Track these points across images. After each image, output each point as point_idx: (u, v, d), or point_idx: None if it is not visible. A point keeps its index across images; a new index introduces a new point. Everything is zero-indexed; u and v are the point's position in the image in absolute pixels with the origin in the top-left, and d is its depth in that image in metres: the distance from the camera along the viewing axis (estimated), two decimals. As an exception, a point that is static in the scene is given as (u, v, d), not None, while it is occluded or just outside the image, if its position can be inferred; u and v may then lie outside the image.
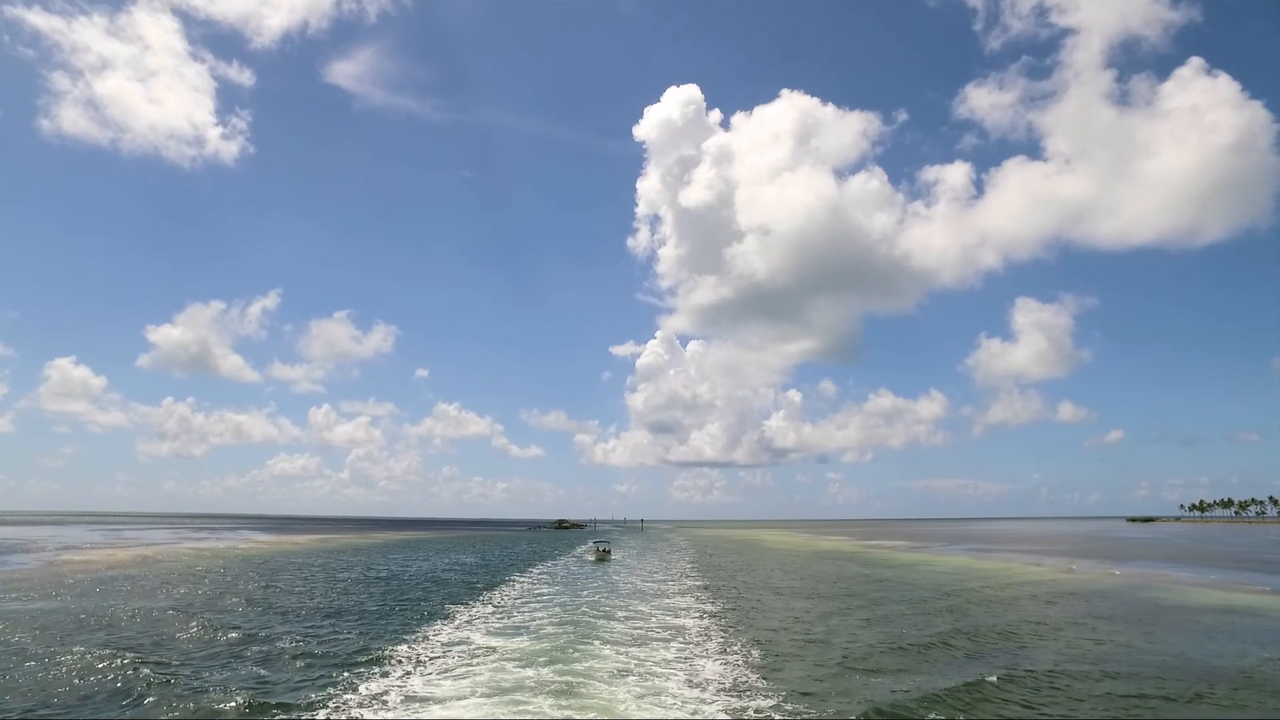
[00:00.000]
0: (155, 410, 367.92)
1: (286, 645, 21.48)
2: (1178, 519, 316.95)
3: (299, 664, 19.02)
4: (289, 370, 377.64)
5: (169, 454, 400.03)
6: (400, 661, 19.24)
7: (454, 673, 17.82)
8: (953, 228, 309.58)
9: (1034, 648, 21.92)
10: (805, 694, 16.14)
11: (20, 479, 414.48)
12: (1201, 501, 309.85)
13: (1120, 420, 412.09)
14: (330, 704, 15.15)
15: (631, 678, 17.25)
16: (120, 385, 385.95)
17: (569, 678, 17.02)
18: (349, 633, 23.87)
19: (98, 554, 64.39)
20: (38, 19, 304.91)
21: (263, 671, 18.21)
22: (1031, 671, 18.45)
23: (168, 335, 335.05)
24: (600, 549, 69.03)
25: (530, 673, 17.54)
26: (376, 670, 18.21)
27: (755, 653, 20.52)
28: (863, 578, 46.44)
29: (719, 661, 19.33)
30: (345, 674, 17.78)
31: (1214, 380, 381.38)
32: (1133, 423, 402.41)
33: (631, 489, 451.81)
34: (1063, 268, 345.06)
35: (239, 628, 24.15)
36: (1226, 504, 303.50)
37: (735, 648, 21.31)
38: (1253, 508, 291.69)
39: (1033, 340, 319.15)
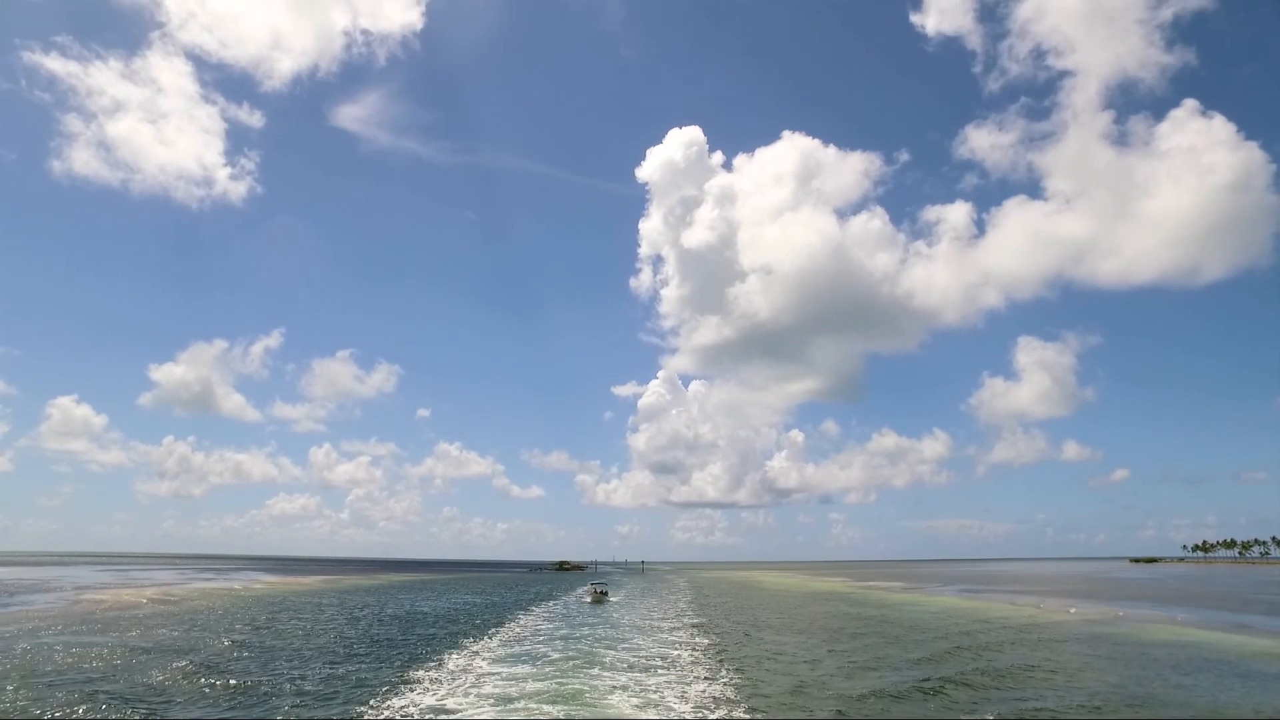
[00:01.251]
0: (155, 449, 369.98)
1: (340, 671, 24.55)
2: (1181, 560, 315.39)
3: (354, 683, 22.16)
4: (290, 409, 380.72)
5: (168, 493, 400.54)
6: (424, 683, 22.40)
7: (468, 690, 21.04)
8: (954, 267, 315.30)
9: (990, 682, 24.91)
10: (774, 706, 19.24)
11: (17, 519, 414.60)
12: (1204, 542, 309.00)
13: (1125, 459, 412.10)
14: (387, 709, 18.37)
15: (627, 693, 20.39)
16: (121, 424, 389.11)
17: (570, 689, 20.16)
18: (382, 661, 26.93)
19: (116, 593, 66.88)
20: (55, 64, 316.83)
21: (324, 689, 21.36)
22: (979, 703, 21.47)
23: (170, 374, 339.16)
24: (597, 590, 68.06)
25: (534, 686, 20.74)
26: (407, 689, 21.46)
27: (737, 678, 23.58)
28: (848, 616, 49.06)
29: (704, 682, 22.45)
30: (388, 690, 21.01)
31: (1219, 419, 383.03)
32: (1138, 462, 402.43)
33: (633, 530, 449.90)
34: (1065, 306, 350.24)
35: (292, 654, 27.20)
36: (1229, 544, 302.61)
37: (720, 675, 24.34)
38: (1255, 549, 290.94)
39: (1036, 379, 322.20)
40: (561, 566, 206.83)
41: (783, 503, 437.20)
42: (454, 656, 28.14)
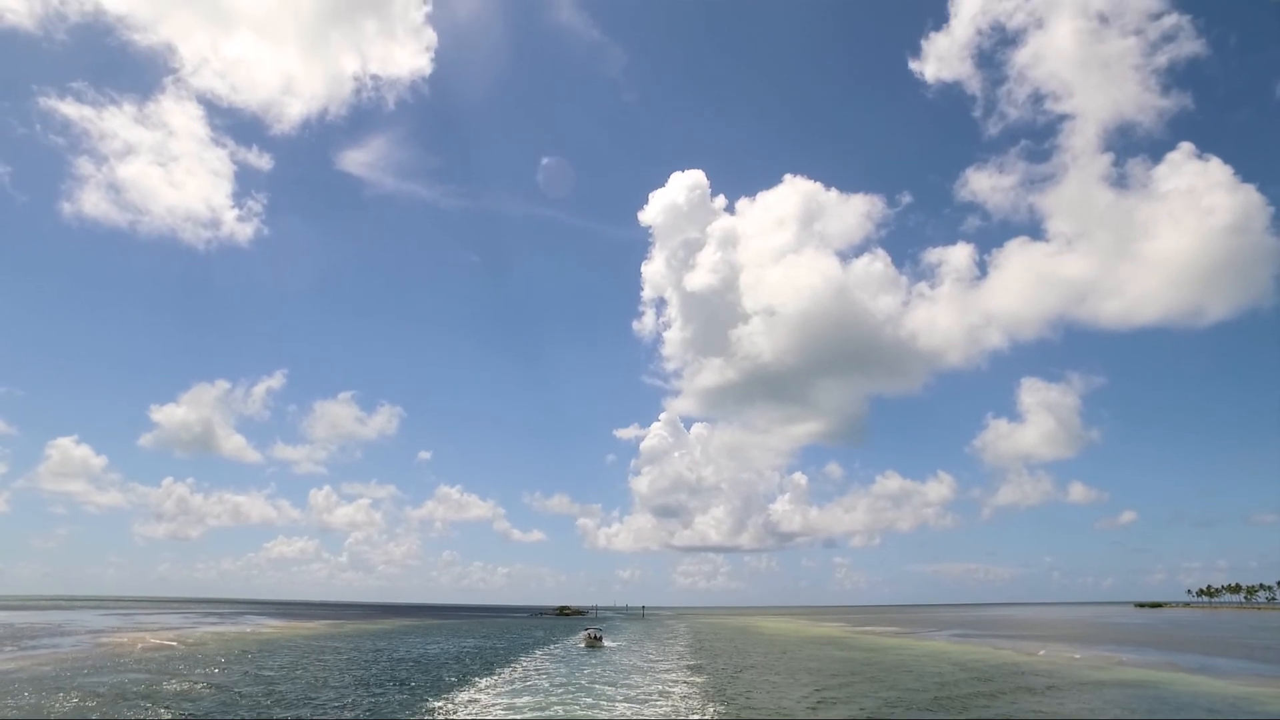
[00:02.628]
0: (154, 490, 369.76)
1: (379, 700, 27.72)
2: (1187, 605, 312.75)
3: (391, 709, 25.33)
4: (291, 451, 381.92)
5: (165, 535, 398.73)
6: (444, 710, 25.52)
7: (479, 715, 24.22)
8: (957, 308, 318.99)
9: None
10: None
11: (10, 562, 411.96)
12: (1209, 586, 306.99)
13: (1132, 501, 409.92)
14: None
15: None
16: (120, 465, 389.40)
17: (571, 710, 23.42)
18: (401, 697, 30.06)
19: (131, 637, 69.20)
20: (70, 109, 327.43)
21: (369, 716, 24.54)
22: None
23: (171, 414, 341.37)
24: (592, 635, 67.79)
25: (535, 715, 23.92)
26: (431, 716, 24.61)
27: (722, 707, 26.73)
28: (835, 659, 51.71)
29: (692, 709, 25.62)
30: (420, 714, 24.22)
31: (1226, 460, 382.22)
32: (1145, 504, 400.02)
33: (634, 575, 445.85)
34: (1068, 347, 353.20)
35: (329, 688, 30.30)
36: (1235, 589, 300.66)
37: (709, 707, 27.47)
38: (1261, 593, 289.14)
39: (1040, 420, 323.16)
40: (562, 611, 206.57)
41: (786, 547, 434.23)
42: (465, 691, 31.24)
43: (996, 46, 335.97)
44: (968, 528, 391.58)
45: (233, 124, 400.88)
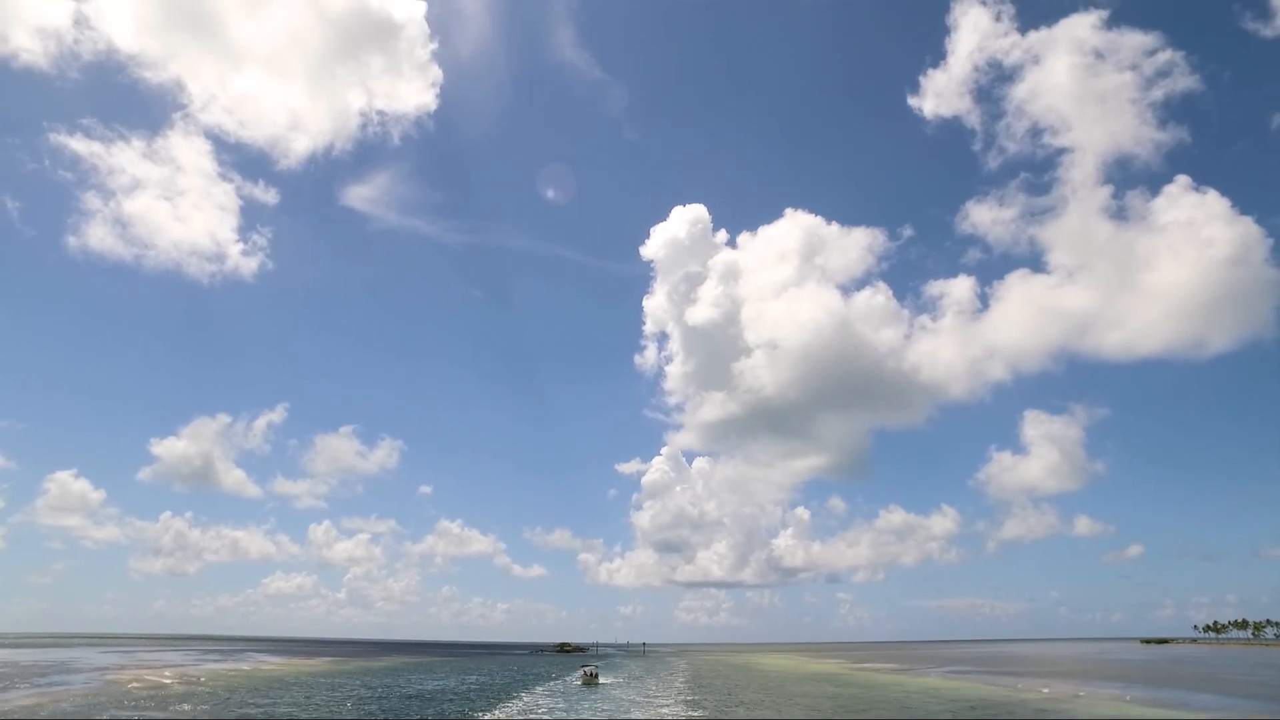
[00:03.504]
0: (152, 525, 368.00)
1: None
2: (1194, 641, 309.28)
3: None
4: (291, 485, 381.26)
5: (162, 571, 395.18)
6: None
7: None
8: (959, 341, 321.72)
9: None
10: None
11: (4, 598, 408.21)
12: (1215, 622, 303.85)
13: (1139, 534, 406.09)
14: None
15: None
16: (119, 499, 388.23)
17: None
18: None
19: (137, 674, 70.31)
20: (79, 145, 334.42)
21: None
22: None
23: (171, 448, 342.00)
24: (588, 672, 67.90)
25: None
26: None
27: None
28: (827, 695, 53.10)
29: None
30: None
31: (1233, 492, 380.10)
32: (1152, 537, 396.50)
33: (636, 611, 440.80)
34: (1071, 379, 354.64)
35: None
36: (1241, 625, 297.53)
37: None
38: (1269, 629, 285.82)
39: (1044, 452, 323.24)
40: (563, 648, 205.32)
41: (789, 582, 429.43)
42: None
43: (994, 83, 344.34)
44: (972, 562, 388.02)
45: (239, 159, 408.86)
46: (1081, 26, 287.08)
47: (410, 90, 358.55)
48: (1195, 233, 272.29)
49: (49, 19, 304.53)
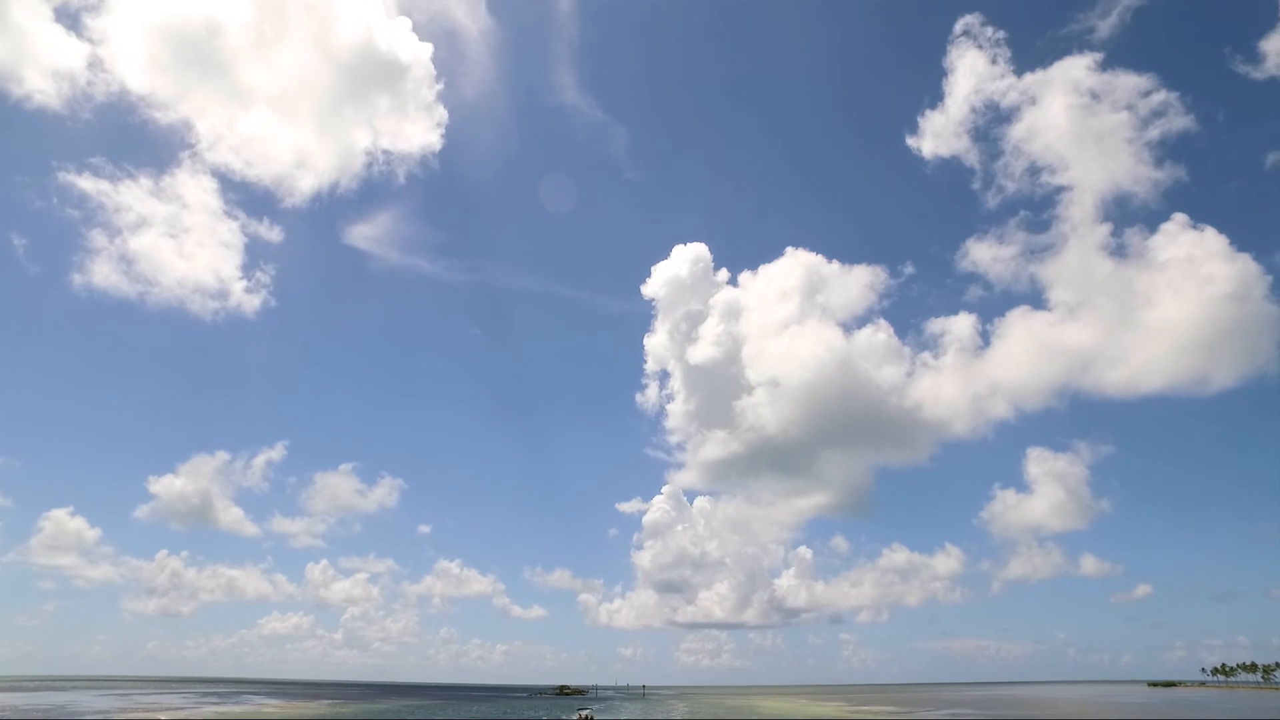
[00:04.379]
0: (147, 564, 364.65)
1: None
2: (1202, 684, 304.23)
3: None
4: (289, 524, 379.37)
5: (155, 611, 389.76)
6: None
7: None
8: (961, 378, 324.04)
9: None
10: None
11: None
12: (1224, 665, 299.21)
13: (1147, 574, 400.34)
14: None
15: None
16: (114, 537, 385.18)
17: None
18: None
19: (142, 717, 70.84)
20: (87, 183, 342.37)
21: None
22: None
23: (169, 486, 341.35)
24: (584, 717, 69.36)
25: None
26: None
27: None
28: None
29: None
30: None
31: (1243, 531, 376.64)
32: (1160, 577, 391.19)
33: (636, 652, 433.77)
34: (1074, 416, 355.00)
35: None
36: (1250, 668, 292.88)
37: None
38: (1278, 673, 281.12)
39: (1049, 490, 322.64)
40: (562, 691, 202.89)
41: (791, 623, 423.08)
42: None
43: (991, 123, 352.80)
44: (977, 602, 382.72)
45: (245, 197, 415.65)
46: (1076, 68, 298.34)
47: (415, 130, 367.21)
48: (1195, 269, 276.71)
49: (63, 62, 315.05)
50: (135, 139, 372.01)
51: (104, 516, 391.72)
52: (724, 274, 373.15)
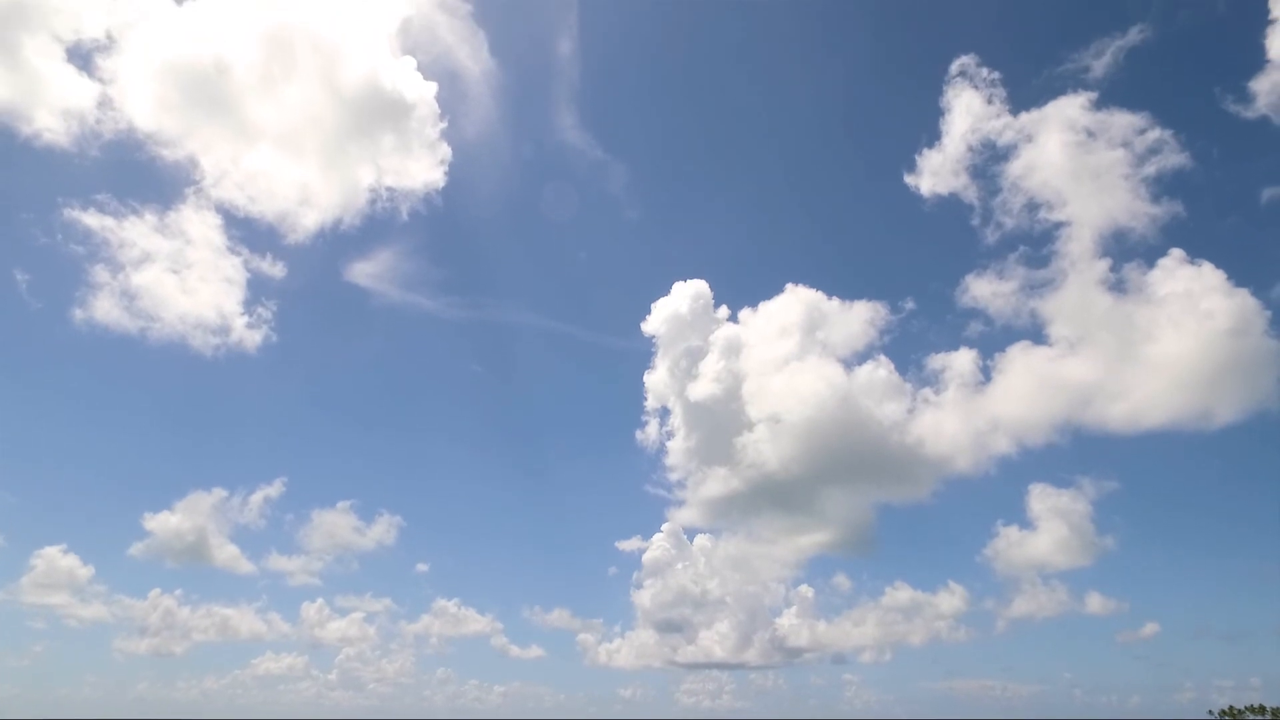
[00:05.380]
0: (140, 603, 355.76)
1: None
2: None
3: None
4: (286, 561, 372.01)
5: (147, 651, 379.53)
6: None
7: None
8: (963, 414, 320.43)
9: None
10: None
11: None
12: (1231, 707, 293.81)
13: (1154, 612, 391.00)
14: None
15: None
16: (107, 576, 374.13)
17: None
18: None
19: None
20: (92, 219, 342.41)
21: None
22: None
23: (165, 523, 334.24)
24: None
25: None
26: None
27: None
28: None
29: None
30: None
31: (1252, 568, 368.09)
32: (1168, 615, 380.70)
33: (635, 694, 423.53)
34: (1076, 452, 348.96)
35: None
36: (1259, 710, 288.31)
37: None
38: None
39: (1052, 527, 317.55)
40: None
41: (793, 663, 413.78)
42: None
43: (988, 161, 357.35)
44: (982, 641, 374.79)
45: (248, 233, 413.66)
46: (1071, 107, 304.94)
47: (419, 167, 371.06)
48: (1194, 304, 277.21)
49: (73, 101, 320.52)
50: (141, 176, 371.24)
51: (97, 554, 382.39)
52: (724, 311, 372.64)
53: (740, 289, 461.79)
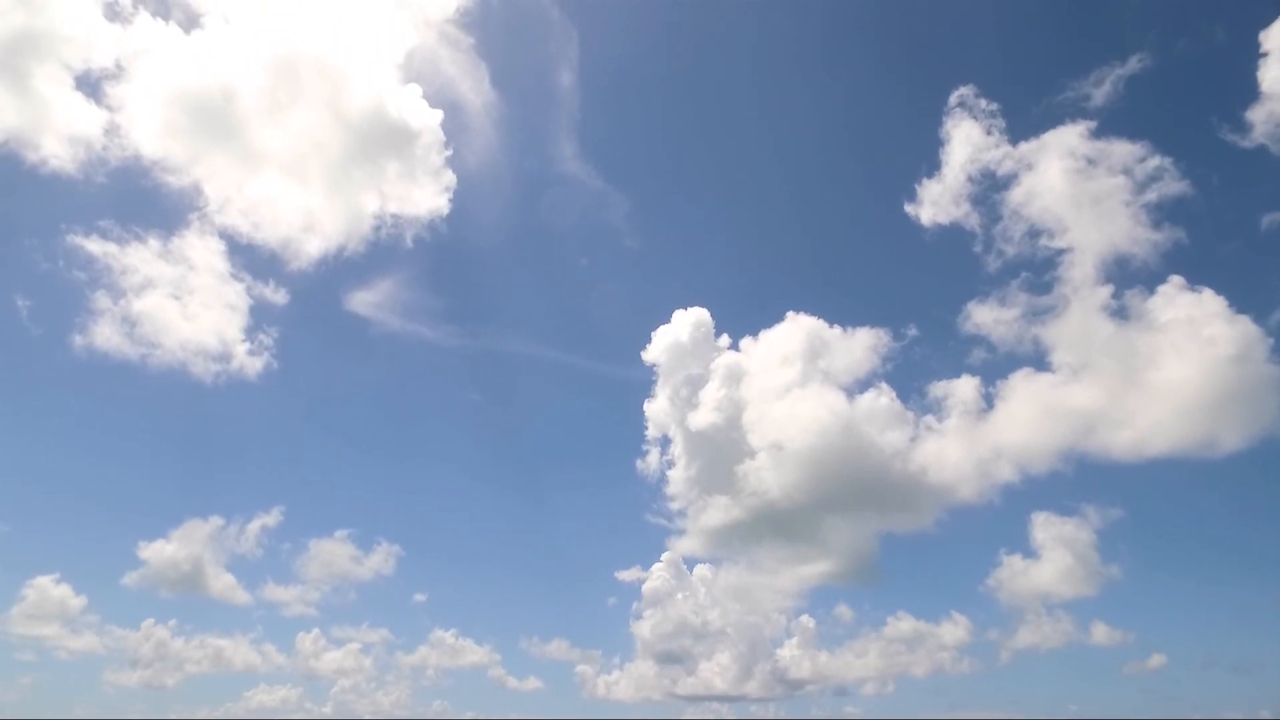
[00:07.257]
0: (133, 634, 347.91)
1: None
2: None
3: None
4: (282, 591, 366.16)
5: (138, 684, 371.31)
6: None
7: None
8: (966, 442, 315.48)
9: None
10: None
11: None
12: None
13: (1161, 643, 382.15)
14: None
15: None
16: (100, 606, 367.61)
17: None
18: None
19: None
20: (94, 245, 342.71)
21: None
22: None
23: (160, 552, 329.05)
24: None
25: None
26: None
27: None
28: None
29: None
30: None
31: (1260, 598, 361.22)
32: (1175, 646, 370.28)
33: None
34: (1080, 480, 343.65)
35: None
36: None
37: None
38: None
39: (1056, 556, 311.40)
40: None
41: (795, 695, 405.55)
42: None
43: (989, 190, 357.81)
44: (986, 673, 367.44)
45: (251, 260, 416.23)
46: (1070, 136, 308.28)
47: (424, 194, 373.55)
48: (1196, 331, 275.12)
49: (81, 128, 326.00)
50: (146, 202, 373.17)
51: (90, 584, 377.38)
52: (725, 339, 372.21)
53: (741, 317, 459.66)
